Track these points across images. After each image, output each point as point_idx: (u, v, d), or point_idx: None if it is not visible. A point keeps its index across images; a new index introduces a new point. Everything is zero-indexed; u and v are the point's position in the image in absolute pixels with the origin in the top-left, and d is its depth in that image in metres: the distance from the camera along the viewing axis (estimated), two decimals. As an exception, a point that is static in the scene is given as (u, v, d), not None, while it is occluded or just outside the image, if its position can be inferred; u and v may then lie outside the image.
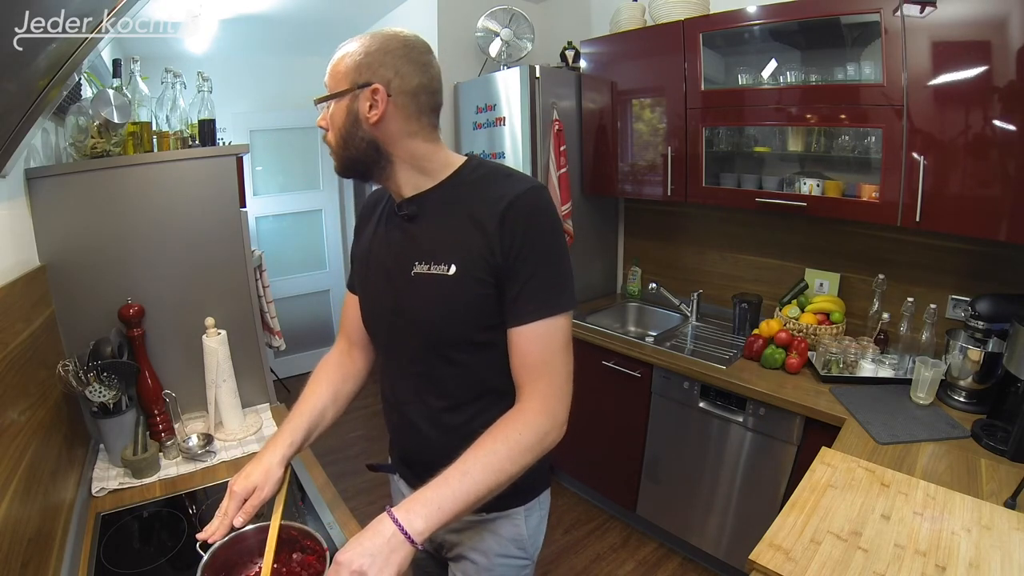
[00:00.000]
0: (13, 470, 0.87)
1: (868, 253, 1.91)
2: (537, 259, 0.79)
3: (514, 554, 0.96)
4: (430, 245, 0.85)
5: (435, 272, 0.83)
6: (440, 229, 0.84)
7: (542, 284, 0.79)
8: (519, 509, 0.95)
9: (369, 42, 0.81)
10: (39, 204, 1.26)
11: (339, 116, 0.84)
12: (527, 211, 0.79)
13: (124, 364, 1.27)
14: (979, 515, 1.02)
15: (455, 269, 0.81)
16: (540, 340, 0.79)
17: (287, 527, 0.89)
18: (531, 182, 0.83)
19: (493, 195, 0.81)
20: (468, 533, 0.95)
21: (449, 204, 0.84)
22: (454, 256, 0.82)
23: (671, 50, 1.99)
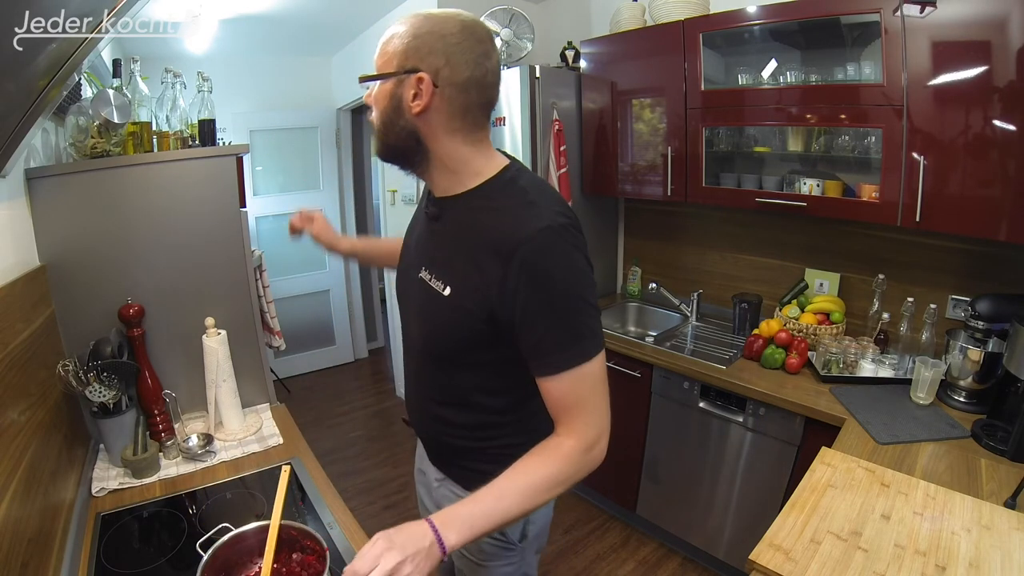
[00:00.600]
0: (13, 470, 0.87)
1: (868, 253, 1.91)
2: (551, 310, 0.74)
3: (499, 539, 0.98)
4: (438, 256, 0.84)
5: (433, 286, 0.83)
6: (450, 244, 0.83)
7: (561, 336, 0.75)
8: None
9: (422, 23, 0.74)
10: (39, 204, 1.26)
11: (382, 99, 0.79)
12: (534, 259, 0.72)
13: (124, 364, 1.27)
14: (979, 515, 1.02)
15: (450, 292, 0.80)
16: (570, 387, 0.76)
17: (287, 527, 0.89)
18: (550, 219, 0.74)
19: (505, 229, 0.74)
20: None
21: (464, 221, 0.81)
22: (454, 279, 0.81)
23: (671, 50, 1.99)
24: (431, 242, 0.87)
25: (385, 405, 3.53)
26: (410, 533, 0.69)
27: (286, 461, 1.30)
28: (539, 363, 0.77)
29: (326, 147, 3.79)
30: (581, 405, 0.77)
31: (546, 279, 0.73)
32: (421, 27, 0.74)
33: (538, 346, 0.76)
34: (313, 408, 3.49)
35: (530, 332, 0.75)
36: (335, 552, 0.99)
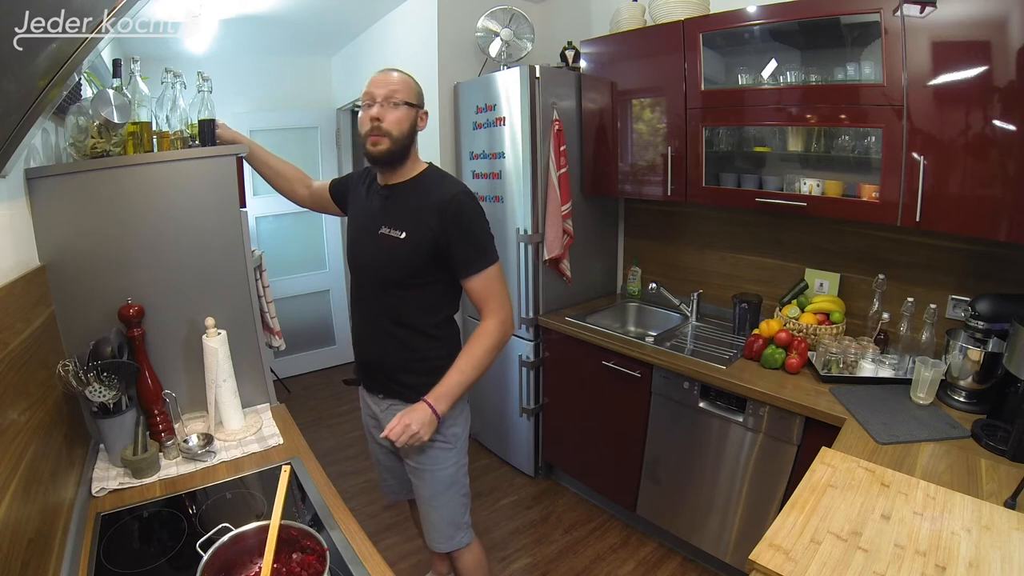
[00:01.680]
0: (13, 470, 0.87)
1: (868, 253, 1.91)
2: (468, 236, 1.25)
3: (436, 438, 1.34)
4: (393, 217, 1.29)
5: (392, 234, 1.28)
6: (401, 209, 1.29)
7: (476, 250, 1.27)
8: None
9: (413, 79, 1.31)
10: (39, 204, 1.26)
11: (406, 120, 1.26)
12: (457, 202, 1.25)
13: (124, 364, 1.27)
14: (979, 515, 1.02)
15: (405, 235, 1.27)
16: (485, 282, 1.28)
17: (287, 527, 0.89)
18: (461, 188, 1.29)
19: (438, 194, 1.27)
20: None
21: (410, 195, 1.30)
22: (406, 227, 1.27)
23: (671, 50, 1.99)
24: (385, 211, 1.32)
25: (385, 405, 3.53)
26: (417, 411, 1.22)
27: (286, 461, 1.30)
28: (464, 269, 1.27)
29: (326, 147, 3.79)
30: (492, 294, 1.29)
31: (464, 218, 1.25)
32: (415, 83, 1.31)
33: (463, 258, 1.26)
34: (313, 408, 3.49)
35: (457, 250, 1.25)
36: (335, 552, 0.99)
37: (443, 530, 1.44)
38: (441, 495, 1.41)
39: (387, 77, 1.25)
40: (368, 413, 1.51)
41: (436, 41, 2.56)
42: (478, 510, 1.58)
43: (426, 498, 1.42)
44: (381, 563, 0.98)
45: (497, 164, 2.40)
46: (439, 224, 1.23)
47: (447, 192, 1.26)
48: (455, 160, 2.69)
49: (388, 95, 1.23)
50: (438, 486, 1.40)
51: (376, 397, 1.44)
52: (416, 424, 1.19)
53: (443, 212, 1.23)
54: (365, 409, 1.52)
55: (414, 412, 1.22)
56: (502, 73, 2.30)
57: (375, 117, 1.23)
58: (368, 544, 1.03)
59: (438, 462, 1.39)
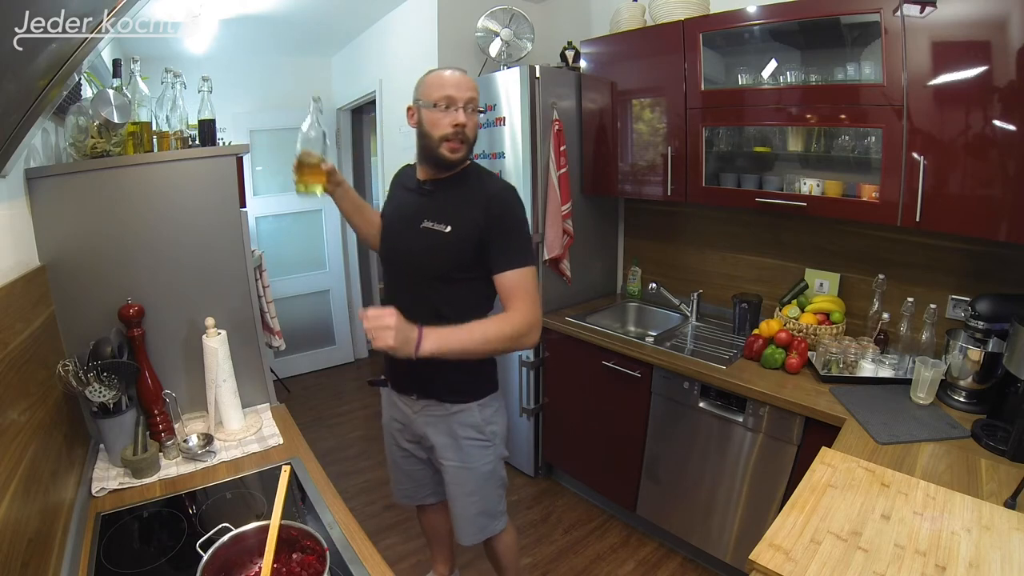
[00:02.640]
0: (13, 470, 0.87)
1: (868, 253, 1.91)
2: (510, 232, 1.24)
3: (475, 437, 1.38)
4: (436, 211, 1.28)
5: (436, 228, 1.26)
6: (444, 204, 1.28)
7: (515, 247, 1.24)
8: (473, 404, 1.37)
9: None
10: (39, 204, 1.26)
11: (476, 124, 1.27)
12: (502, 200, 1.26)
13: (124, 364, 1.27)
14: (979, 515, 1.02)
15: (450, 229, 1.25)
16: (517, 279, 1.23)
17: (287, 527, 0.89)
18: (505, 184, 1.31)
19: (483, 190, 1.27)
20: (439, 425, 1.38)
21: (454, 190, 1.29)
22: (451, 221, 1.25)
23: (671, 50, 1.99)
24: (428, 205, 1.30)
25: (385, 405, 3.53)
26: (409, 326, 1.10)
27: (286, 461, 1.30)
28: (500, 262, 1.23)
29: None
30: (522, 294, 1.23)
31: (509, 214, 1.25)
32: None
33: (501, 252, 1.23)
34: (313, 408, 3.49)
35: (497, 244, 1.23)
36: (335, 552, 0.99)
37: (478, 522, 1.45)
38: (481, 489, 1.42)
39: (465, 80, 1.22)
40: (394, 416, 1.48)
41: (436, 41, 2.56)
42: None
43: (464, 494, 1.42)
44: (381, 563, 0.98)
45: (497, 164, 2.40)
46: (484, 219, 1.22)
47: (493, 187, 1.28)
48: (455, 160, 2.69)
49: (471, 100, 1.22)
50: (478, 481, 1.41)
51: (408, 398, 1.41)
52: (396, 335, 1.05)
53: (489, 207, 1.23)
54: (391, 411, 1.49)
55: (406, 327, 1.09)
56: (502, 73, 2.30)
57: (461, 124, 1.20)
58: (368, 544, 1.03)
59: (477, 459, 1.39)
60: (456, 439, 1.37)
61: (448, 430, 1.37)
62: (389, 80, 3.06)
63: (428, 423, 1.39)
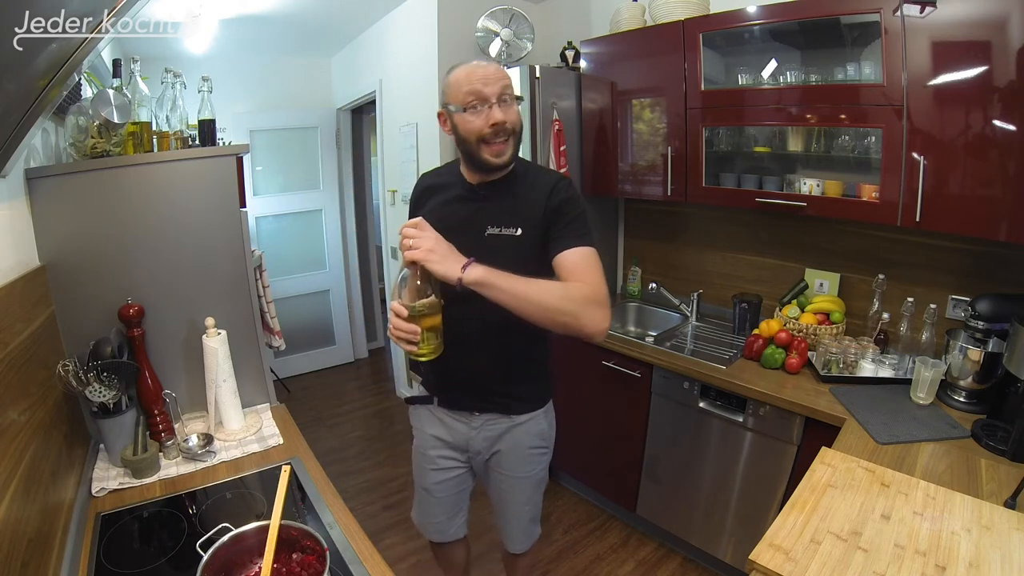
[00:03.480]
0: (13, 470, 0.87)
1: (868, 253, 1.91)
2: (573, 215, 1.15)
3: (539, 445, 1.32)
4: (500, 215, 1.17)
5: (506, 233, 1.16)
6: (505, 206, 1.18)
7: (578, 228, 1.13)
8: (539, 412, 1.31)
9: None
10: (39, 204, 1.26)
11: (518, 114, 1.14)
12: (564, 188, 1.18)
13: (124, 364, 1.27)
14: (979, 515, 1.02)
15: (521, 231, 1.15)
16: (581, 257, 1.10)
17: (287, 527, 0.89)
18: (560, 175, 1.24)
19: (542, 181, 1.19)
20: (505, 437, 1.29)
21: (511, 189, 1.19)
22: (521, 223, 1.16)
23: (671, 50, 1.99)
24: (488, 211, 1.18)
25: (385, 405, 3.53)
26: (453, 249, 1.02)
27: (286, 461, 1.30)
28: (564, 241, 1.12)
29: (326, 147, 3.79)
30: (588, 271, 1.09)
31: (569, 199, 1.16)
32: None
33: (565, 232, 1.13)
34: (313, 408, 3.49)
35: (561, 225, 1.13)
36: (335, 552, 0.99)
37: (529, 529, 1.41)
38: (534, 496, 1.37)
39: (493, 70, 1.09)
40: (437, 435, 1.34)
41: (436, 41, 2.56)
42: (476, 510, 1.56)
43: (520, 503, 1.36)
44: (381, 563, 0.98)
45: (497, 164, 2.40)
46: (547, 209, 1.14)
47: (552, 176, 1.21)
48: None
49: (503, 91, 1.08)
50: (535, 488, 1.36)
51: (463, 414, 1.29)
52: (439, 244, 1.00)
53: (552, 194, 1.15)
54: (433, 430, 1.34)
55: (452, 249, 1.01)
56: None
57: (499, 121, 1.08)
58: (368, 544, 1.03)
59: (537, 467, 1.33)
60: (521, 449, 1.29)
61: (513, 442, 1.28)
62: (389, 80, 3.06)
63: (490, 438, 1.29)
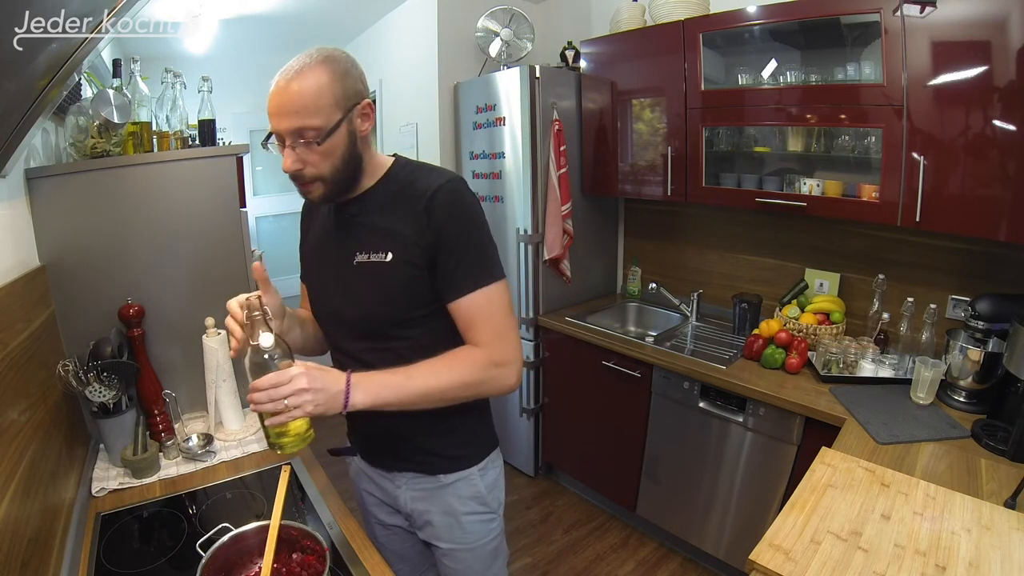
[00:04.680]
0: (13, 470, 0.87)
1: (868, 253, 1.91)
2: (465, 241, 0.89)
3: (477, 510, 1.06)
4: (368, 239, 0.93)
5: (375, 260, 0.92)
6: (376, 225, 0.93)
7: (473, 260, 0.89)
8: (473, 470, 1.05)
9: (331, 64, 0.86)
10: (39, 204, 1.26)
11: (341, 144, 0.87)
12: (448, 200, 0.89)
13: (124, 364, 1.27)
14: (979, 515, 1.02)
15: (392, 256, 0.91)
16: (481, 304, 0.90)
17: (287, 527, 0.89)
18: (451, 175, 0.93)
19: (419, 188, 0.90)
20: (432, 500, 1.05)
21: (385, 200, 0.94)
22: (391, 245, 0.91)
23: (671, 50, 1.99)
24: (355, 234, 0.96)
25: (385, 405, 3.52)
26: (328, 377, 0.82)
27: (286, 461, 1.30)
28: (454, 285, 0.89)
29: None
30: (490, 322, 0.90)
31: (459, 216, 0.90)
32: (336, 67, 0.86)
33: (454, 271, 0.89)
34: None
35: (447, 259, 0.89)
36: (335, 552, 0.99)
37: None
38: (486, 572, 1.10)
39: (288, 97, 0.84)
40: (368, 490, 1.15)
41: (436, 41, 2.56)
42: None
43: None
44: (381, 563, 0.98)
45: (497, 164, 2.40)
46: (428, 225, 0.88)
47: (430, 183, 0.90)
48: (455, 160, 2.69)
49: (296, 129, 0.84)
50: (483, 563, 1.09)
51: (383, 472, 1.09)
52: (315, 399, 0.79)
53: (430, 210, 0.88)
54: (363, 484, 1.16)
55: (324, 377, 0.81)
56: (502, 73, 2.30)
57: (289, 170, 0.87)
58: (368, 544, 1.03)
59: (481, 537, 1.07)
60: (455, 516, 1.05)
61: (444, 506, 1.04)
62: (389, 80, 3.06)
63: (416, 499, 1.06)
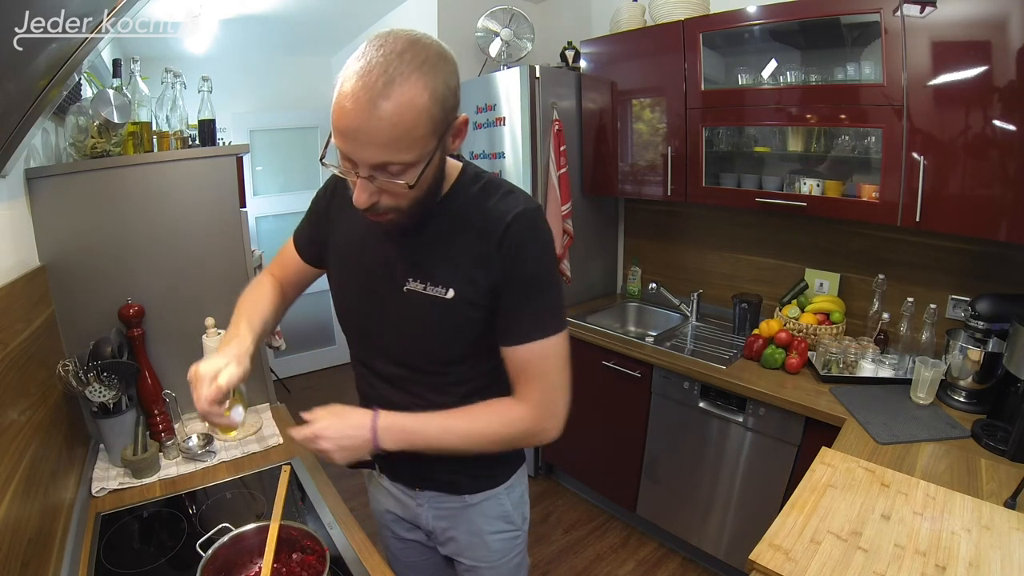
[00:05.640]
0: (13, 470, 0.87)
1: (868, 253, 1.91)
2: (531, 283, 0.80)
3: (504, 529, 1.02)
4: (427, 263, 0.82)
5: (431, 294, 0.82)
6: (438, 248, 0.82)
7: (536, 307, 0.80)
8: (499, 489, 1.00)
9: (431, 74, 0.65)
10: (39, 204, 1.26)
11: (430, 176, 0.73)
12: (523, 235, 0.78)
13: (124, 364, 1.27)
14: (979, 515, 1.02)
15: (453, 293, 0.81)
16: (536, 358, 0.81)
17: (287, 527, 0.89)
18: (526, 200, 0.82)
19: (491, 216, 0.79)
20: (457, 518, 1.00)
21: (451, 222, 0.82)
22: (453, 280, 0.81)
23: (671, 50, 1.99)
24: (408, 255, 0.83)
25: (385, 405, 3.52)
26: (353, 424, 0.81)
27: (286, 461, 1.30)
28: (513, 331, 0.81)
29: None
30: (544, 380, 0.82)
31: (533, 254, 0.79)
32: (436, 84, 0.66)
33: (517, 314, 0.80)
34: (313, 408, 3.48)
35: (512, 300, 0.80)
36: (335, 552, 0.99)
37: None
38: None
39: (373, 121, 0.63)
40: (388, 507, 1.08)
41: (436, 41, 2.56)
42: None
43: None
44: (381, 563, 0.98)
45: (497, 164, 2.40)
46: (498, 261, 0.78)
47: (504, 210, 0.79)
48: (455, 160, 2.69)
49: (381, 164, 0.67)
50: None
51: (404, 488, 1.02)
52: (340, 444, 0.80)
53: (502, 244, 0.78)
54: (381, 498, 1.09)
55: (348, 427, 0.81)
56: (502, 73, 2.30)
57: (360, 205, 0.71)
58: (368, 544, 1.03)
59: (506, 554, 1.03)
60: (480, 535, 1.00)
61: (469, 525, 1.00)
62: (389, 80, 3.06)
63: (439, 517, 1.01)
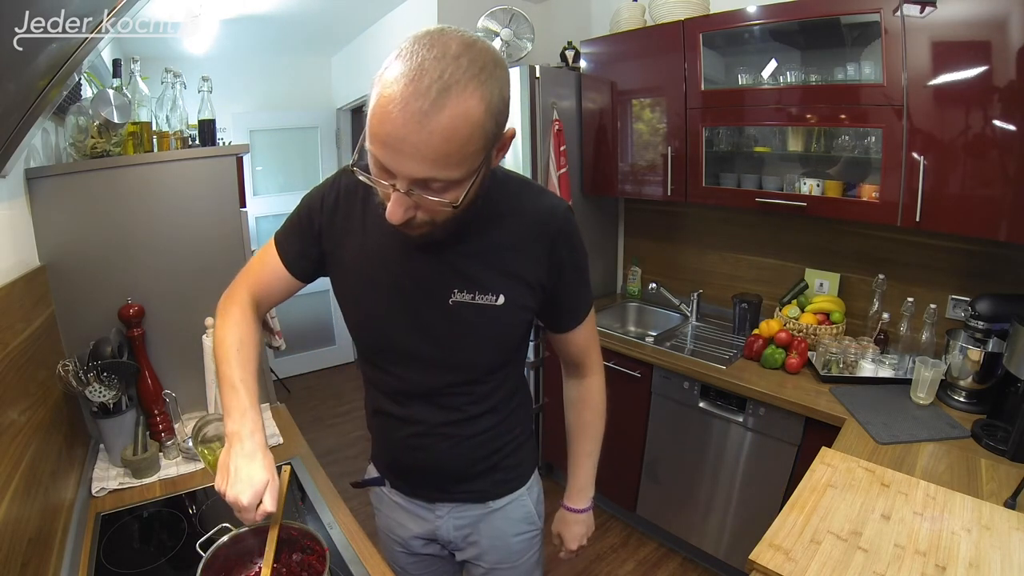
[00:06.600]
0: (13, 470, 0.87)
1: (868, 253, 1.91)
2: (581, 273, 0.89)
3: (526, 530, 1.04)
4: (472, 272, 0.79)
5: (481, 302, 0.80)
6: (482, 254, 0.79)
7: (585, 292, 0.92)
8: (522, 490, 1.02)
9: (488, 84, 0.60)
10: (39, 204, 1.26)
11: (473, 192, 0.67)
12: (567, 231, 0.83)
13: (124, 364, 1.27)
14: (979, 515, 1.02)
15: (503, 299, 0.80)
16: (587, 332, 0.95)
17: (287, 527, 0.89)
18: (559, 198, 0.87)
19: (534, 215, 0.81)
20: (479, 524, 1.00)
21: (490, 226, 0.78)
22: (502, 285, 0.80)
23: (671, 50, 1.99)
24: (449, 265, 0.79)
25: (385, 405, 3.53)
26: (579, 524, 1.07)
27: (286, 461, 1.31)
28: (572, 317, 0.92)
29: (326, 147, 3.79)
30: (594, 343, 0.99)
31: (578, 247, 0.87)
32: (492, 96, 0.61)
33: (576, 304, 0.91)
34: (313, 408, 3.48)
35: (567, 293, 0.88)
36: (335, 552, 0.99)
37: None
38: None
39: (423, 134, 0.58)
40: (400, 520, 1.04)
41: (436, 41, 2.55)
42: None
43: None
44: (381, 563, 0.98)
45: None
46: (548, 260, 0.81)
47: (545, 207, 0.81)
48: (455, 160, 2.69)
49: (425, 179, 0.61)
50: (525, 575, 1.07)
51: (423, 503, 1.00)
52: (586, 537, 1.09)
53: (552, 243, 0.81)
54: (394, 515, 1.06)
55: (580, 525, 1.07)
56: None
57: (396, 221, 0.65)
58: (368, 544, 1.03)
59: (526, 552, 1.04)
60: (504, 539, 1.00)
61: (492, 531, 1.00)
62: (389, 80, 3.06)
63: (460, 526, 0.99)
